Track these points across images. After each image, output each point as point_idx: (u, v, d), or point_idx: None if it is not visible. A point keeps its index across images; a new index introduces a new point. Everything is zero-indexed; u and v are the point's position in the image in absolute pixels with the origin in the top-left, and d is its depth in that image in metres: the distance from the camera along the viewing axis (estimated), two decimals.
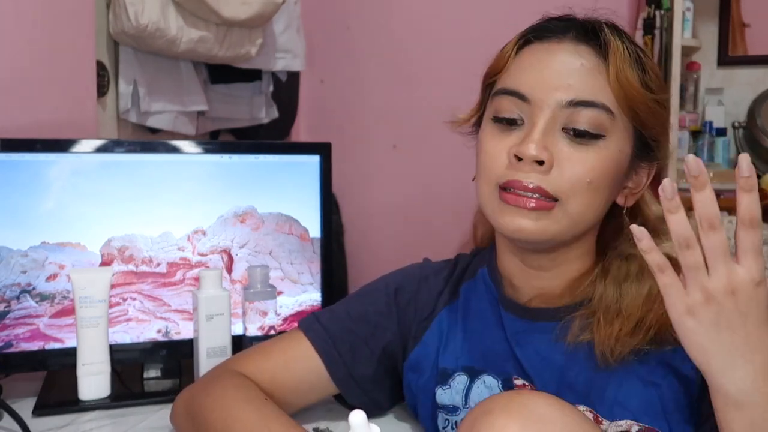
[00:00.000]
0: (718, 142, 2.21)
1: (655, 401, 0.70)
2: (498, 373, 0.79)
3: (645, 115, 0.72)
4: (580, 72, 0.71)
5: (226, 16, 1.57)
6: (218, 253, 1.13)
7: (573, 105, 0.70)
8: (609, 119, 0.70)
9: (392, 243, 2.33)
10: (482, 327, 0.82)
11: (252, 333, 1.05)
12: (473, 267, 0.88)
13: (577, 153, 0.70)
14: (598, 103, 0.70)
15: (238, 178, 1.13)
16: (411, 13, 2.36)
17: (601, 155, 0.70)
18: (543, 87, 0.71)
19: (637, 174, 0.77)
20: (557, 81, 0.71)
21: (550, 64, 0.72)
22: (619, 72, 0.70)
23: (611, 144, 0.71)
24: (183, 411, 0.83)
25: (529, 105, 0.72)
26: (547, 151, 0.69)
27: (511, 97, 0.73)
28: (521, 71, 0.74)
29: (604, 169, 0.71)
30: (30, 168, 1.03)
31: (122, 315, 1.09)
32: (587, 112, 0.70)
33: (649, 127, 0.74)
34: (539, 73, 0.72)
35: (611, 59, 0.71)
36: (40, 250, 1.04)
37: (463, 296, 0.86)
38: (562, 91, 0.70)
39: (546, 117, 0.70)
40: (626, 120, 0.72)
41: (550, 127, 0.70)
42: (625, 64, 0.71)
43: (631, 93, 0.71)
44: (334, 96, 2.48)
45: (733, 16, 2.23)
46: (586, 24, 0.75)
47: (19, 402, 1.00)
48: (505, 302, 0.81)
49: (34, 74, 1.22)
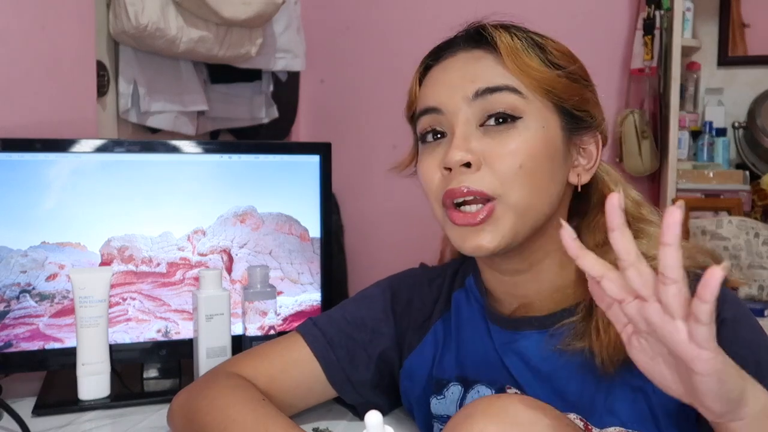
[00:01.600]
0: (718, 142, 2.21)
1: (644, 408, 0.70)
2: (491, 382, 0.78)
3: (559, 90, 0.73)
4: (478, 68, 0.73)
5: (226, 16, 1.57)
6: (218, 253, 1.13)
7: (480, 95, 0.71)
8: (520, 99, 0.71)
9: (392, 243, 2.33)
10: (473, 337, 0.82)
11: (252, 333, 1.05)
12: (462, 274, 0.88)
13: (499, 143, 0.70)
14: (502, 86, 0.71)
15: (238, 178, 1.13)
16: (411, 13, 2.36)
17: (523, 137, 0.71)
18: (449, 93, 0.73)
19: (585, 149, 0.77)
20: (459, 82, 0.73)
21: (450, 73, 0.75)
22: (514, 59, 0.72)
23: (531, 123, 0.71)
24: (179, 413, 0.83)
25: (444, 116, 0.73)
26: (471, 152, 0.70)
27: (427, 115, 0.75)
28: (428, 90, 0.76)
29: (531, 149, 0.71)
30: (30, 168, 1.03)
31: (122, 315, 1.09)
32: (496, 97, 0.71)
33: (569, 99, 0.74)
34: (443, 83, 0.74)
35: (502, 50, 0.72)
36: (39, 250, 1.04)
37: (454, 305, 0.86)
38: (466, 89, 0.72)
39: (461, 120, 0.72)
40: (541, 98, 0.72)
41: (468, 129, 0.72)
42: (518, 50, 0.72)
43: (533, 74, 0.72)
44: (334, 96, 2.48)
45: (733, 16, 2.22)
46: (470, 31, 0.77)
47: (19, 402, 1.00)
48: (490, 314, 0.81)
49: (34, 74, 1.22)
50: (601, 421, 0.71)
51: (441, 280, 0.89)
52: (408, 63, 2.57)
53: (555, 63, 0.73)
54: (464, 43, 0.76)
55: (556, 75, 0.72)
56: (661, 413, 0.69)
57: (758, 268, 1.87)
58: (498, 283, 0.80)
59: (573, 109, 0.74)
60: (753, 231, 1.92)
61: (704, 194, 2.11)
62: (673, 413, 0.69)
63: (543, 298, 0.77)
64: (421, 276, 0.91)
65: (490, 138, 0.71)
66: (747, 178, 2.12)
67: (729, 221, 1.94)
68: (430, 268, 0.92)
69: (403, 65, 2.55)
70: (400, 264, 0.95)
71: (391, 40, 2.38)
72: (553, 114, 0.73)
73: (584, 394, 0.72)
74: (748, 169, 2.16)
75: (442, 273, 0.90)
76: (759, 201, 2.08)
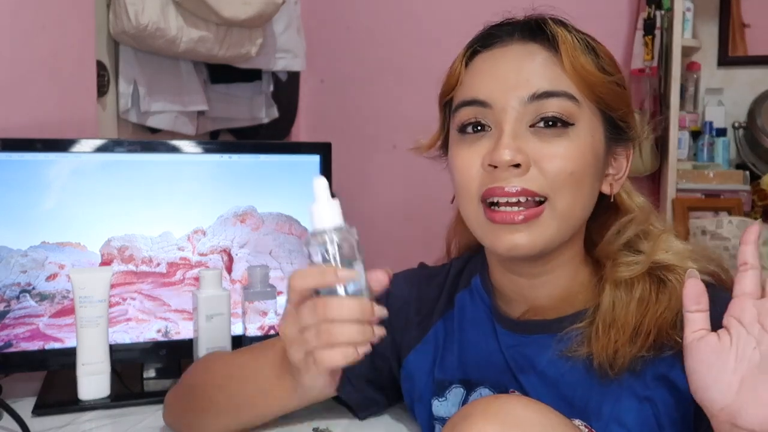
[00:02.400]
0: (718, 142, 2.21)
1: (650, 417, 0.69)
2: (494, 385, 0.78)
3: (608, 98, 0.71)
4: (534, 67, 0.70)
5: (227, 16, 1.57)
6: (218, 253, 1.13)
7: (536, 99, 0.68)
8: (575, 106, 0.69)
9: (392, 243, 2.33)
10: (477, 338, 0.81)
11: (252, 333, 1.05)
12: (467, 275, 0.86)
13: (551, 147, 0.68)
14: (559, 92, 0.69)
15: (238, 178, 1.13)
16: (411, 13, 2.36)
17: (575, 144, 0.69)
18: (502, 89, 0.70)
19: (616, 159, 0.76)
20: (514, 80, 0.69)
21: (504, 66, 0.71)
22: (573, 60, 0.69)
23: (582, 131, 0.69)
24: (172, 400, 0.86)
25: (492, 110, 0.70)
26: (521, 152, 0.67)
27: (472, 106, 0.71)
28: (476, 80, 0.72)
29: (582, 157, 0.69)
30: (30, 168, 1.03)
31: (122, 315, 1.09)
32: (551, 103, 0.68)
33: (616, 109, 0.73)
34: (494, 77, 0.71)
35: (562, 49, 0.69)
36: (40, 250, 1.04)
37: (458, 306, 0.84)
38: (521, 89, 0.69)
39: (512, 118, 0.69)
40: (591, 105, 0.71)
41: (519, 128, 0.69)
42: (577, 51, 0.70)
43: (589, 78, 0.69)
44: (334, 96, 2.48)
45: (733, 16, 2.23)
46: (529, 22, 0.73)
47: (19, 402, 1.00)
48: (498, 316, 0.80)
49: (34, 74, 1.22)
50: (606, 428, 0.70)
51: (441, 279, 0.88)
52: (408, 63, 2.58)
53: (605, 69, 0.72)
54: (519, 33, 0.72)
55: (607, 81, 0.71)
56: (667, 423, 0.69)
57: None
58: (511, 285, 0.78)
59: (618, 119, 0.73)
60: None
61: (704, 194, 2.11)
62: (679, 424, 0.69)
63: (554, 302, 0.76)
64: (420, 275, 0.90)
65: (540, 140, 0.69)
66: (747, 178, 2.12)
67: (729, 221, 1.94)
68: (430, 268, 0.92)
69: (403, 65, 2.56)
70: (401, 264, 0.95)
71: (391, 40, 2.38)
72: (600, 122, 0.72)
73: (590, 401, 0.72)
74: (748, 169, 2.16)
75: (442, 272, 0.89)
76: (759, 201, 2.08)
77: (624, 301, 0.71)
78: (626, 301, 0.70)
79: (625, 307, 0.70)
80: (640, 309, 0.69)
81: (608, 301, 0.71)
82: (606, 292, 0.72)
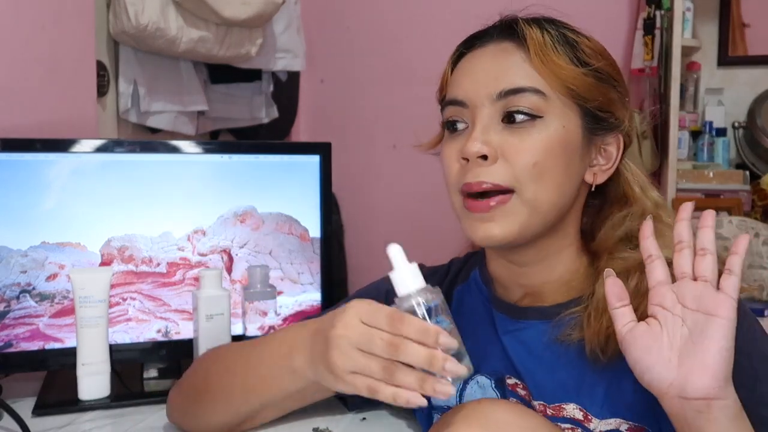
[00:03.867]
0: (718, 142, 2.21)
1: (644, 400, 0.70)
2: (491, 372, 0.79)
3: (582, 89, 0.73)
4: (504, 65, 0.74)
5: (226, 16, 1.57)
6: (218, 253, 1.13)
7: (503, 96, 0.72)
8: (541, 100, 0.72)
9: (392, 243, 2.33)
10: (474, 327, 0.82)
11: (252, 333, 1.05)
12: (466, 270, 0.89)
13: (518, 140, 0.72)
14: (526, 87, 0.72)
15: (238, 178, 1.13)
16: (411, 13, 2.36)
17: (541, 136, 0.72)
18: (474, 88, 0.74)
19: (606, 150, 0.77)
20: (485, 79, 0.74)
21: (478, 66, 0.76)
22: (541, 57, 0.72)
23: (551, 123, 0.72)
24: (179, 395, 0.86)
25: (468, 109, 0.75)
26: (488, 145, 0.71)
27: (453, 106, 0.76)
28: (457, 81, 0.77)
29: (547, 149, 0.72)
30: (30, 168, 1.03)
31: (122, 315, 1.09)
32: (518, 99, 0.72)
33: (591, 100, 0.74)
34: (470, 77, 0.76)
35: (529, 46, 0.73)
36: (40, 250, 1.04)
37: (456, 299, 0.86)
38: (490, 86, 0.73)
39: (482, 114, 0.73)
40: (563, 98, 0.73)
41: (489, 123, 0.73)
42: (546, 48, 0.73)
43: (560, 73, 0.72)
44: (334, 96, 2.48)
45: (733, 16, 2.22)
46: (504, 23, 0.78)
47: (19, 402, 1.00)
48: (496, 302, 0.82)
49: (34, 74, 1.22)
50: (601, 411, 0.71)
51: (440, 277, 0.90)
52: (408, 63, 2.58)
53: (584, 61, 0.74)
54: (497, 34, 0.77)
55: (581, 74, 0.73)
56: (661, 408, 0.69)
57: (758, 268, 1.87)
58: (506, 272, 0.81)
59: (596, 110, 0.75)
60: (753, 231, 1.91)
61: (704, 194, 2.11)
62: None
63: (551, 289, 0.78)
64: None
65: (509, 134, 0.72)
66: (747, 178, 2.12)
67: (729, 221, 1.94)
68: (428, 267, 0.93)
69: (403, 65, 2.56)
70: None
71: (391, 40, 2.38)
72: (575, 114, 0.74)
73: (585, 385, 0.73)
74: (748, 169, 2.16)
75: (441, 270, 0.91)
76: (759, 201, 2.08)
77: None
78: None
79: None
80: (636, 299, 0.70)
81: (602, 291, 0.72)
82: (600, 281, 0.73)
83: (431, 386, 0.59)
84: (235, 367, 0.81)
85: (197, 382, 0.85)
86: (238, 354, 0.83)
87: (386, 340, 0.61)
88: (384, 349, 0.61)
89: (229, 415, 0.81)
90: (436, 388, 0.59)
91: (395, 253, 0.64)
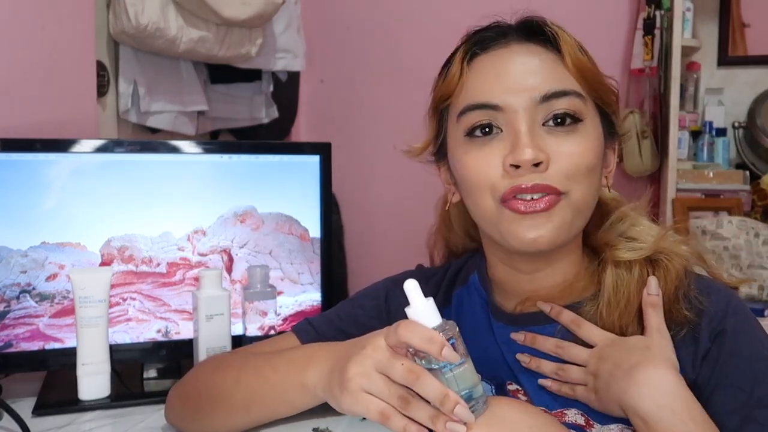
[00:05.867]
0: (718, 142, 2.21)
1: None
2: (491, 378, 0.79)
3: (604, 94, 0.74)
4: (539, 68, 0.71)
5: (226, 16, 1.57)
6: (218, 253, 1.13)
7: (546, 99, 0.70)
8: (582, 103, 0.71)
9: (392, 243, 2.33)
10: (474, 333, 0.81)
11: (252, 333, 1.05)
12: (465, 273, 0.87)
13: (565, 143, 0.70)
14: (568, 90, 0.71)
15: (238, 178, 1.13)
16: (411, 13, 2.36)
17: (586, 139, 0.71)
18: (511, 91, 0.71)
19: (607, 154, 0.77)
20: (522, 82, 0.71)
21: (508, 68, 0.72)
22: (574, 58, 0.72)
23: (589, 126, 0.72)
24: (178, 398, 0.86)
25: (503, 113, 0.71)
26: (542, 151, 0.69)
27: (482, 110, 0.71)
28: (481, 83, 0.73)
29: (593, 150, 0.71)
30: (30, 168, 1.03)
31: (122, 315, 1.09)
32: (561, 102, 0.70)
33: (609, 104, 0.75)
34: (500, 79, 0.71)
35: (564, 48, 0.72)
36: (40, 250, 1.04)
37: (455, 302, 0.85)
38: (530, 90, 0.70)
39: (525, 118, 0.70)
40: (592, 102, 0.73)
41: (533, 127, 0.70)
42: (575, 49, 0.72)
43: (588, 75, 0.72)
44: (334, 96, 2.48)
45: (733, 16, 2.22)
46: (528, 22, 0.75)
47: (19, 402, 1.00)
48: (494, 310, 0.81)
49: (34, 74, 1.22)
50: (603, 416, 0.71)
51: (439, 278, 0.89)
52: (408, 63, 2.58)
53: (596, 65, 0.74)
54: (516, 34, 0.74)
55: (599, 73, 0.74)
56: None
57: (758, 268, 1.87)
58: (510, 278, 0.79)
59: (611, 114, 0.76)
60: (753, 231, 1.92)
61: (704, 194, 2.11)
62: None
63: (552, 293, 0.77)
64: (418, 275, 0.91)
65: (555, 138, 0.70)
66: (747, 178, 2.12)
67: (729, 221, 1.94)
68: (427, 268, 0.93)
69: (403, 65, 2.56)
70: (401, 264, 0.95)
71: (391, 40, 2.38)
72: (598, 118, 0.74)
73: None
74: (748, 169, 2.16)
75: (440, 271, 0.90)
76: (759, 201, 2.08)
77: (626, 280, 0.73)
78: (627, 280, 0.73)
79: (627, 287, 0.73)
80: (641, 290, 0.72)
81: (611, 281, 0.73)
82: (608, 272, 0.74)
83: (443, 425, 0.59)
84: (243, 376, 0.79)
85: (199, 388, 0.84)
86: (248, 363, 0.81)
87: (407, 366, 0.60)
88: (403, 376, 0.60)
89: (227, 426, 0.81)
90: (447, 426, 0.59)
91: (411, 289, 0.61)
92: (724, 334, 0.69)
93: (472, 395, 0.60)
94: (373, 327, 0.86)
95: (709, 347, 0.69)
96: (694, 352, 0.70)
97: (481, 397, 0.61)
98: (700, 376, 0.69)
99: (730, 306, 0.71)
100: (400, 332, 0.60)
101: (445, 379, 0.60)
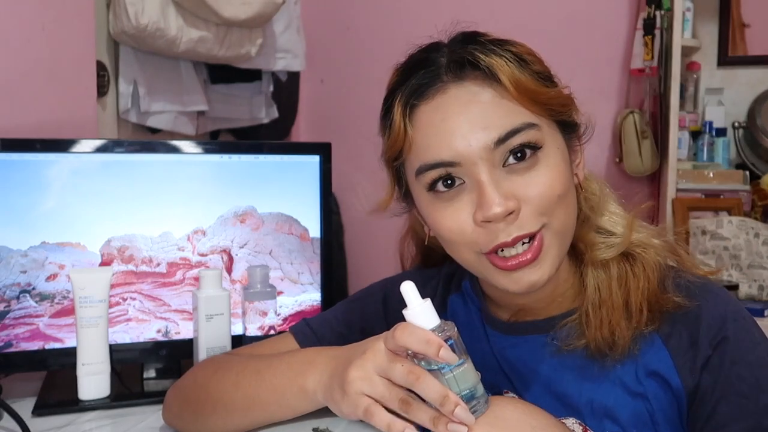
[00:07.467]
0: (718, 142, 2.21)
1: (643, 413, 0.70)
2: (488, 386, 0.78)
3: (555, 104, 0.70)
4: (484, 112, 0.67)
5: (226, 16, 1.57)
6: (218, 253, 1.13)
7: (500, 142, 0.67)
8: (536, 131, 0.68)
9: (392, 243, 2.33)
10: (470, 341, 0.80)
11: (252, 333, 1.05)
12: (457, 278, 0.87)
13: (531, 181, 0.67)
14: (519, 127, 0.67)
15: (238, 178, 1.13)
16: (411, 13, 2.36)
17: (549, 165, 0.68)
18: (462, 146, 0.67)
19: (574, 150, 0.75)
20: (471, 134, 0.67)
21: (453, 121, 0.67)
22: (516, 84, 0.67)
23: (550, 150, 0.69)
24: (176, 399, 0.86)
25: (460, 167, 0.67)
26: (509, 199, 0.66)
27: (438, 168, 0.68)
28: (430, 142, 0.68)
29: (560, 175, 0.68)
30: (30, 168, 1.03)
31: (122, 315, 1.09)
32: (516, 139, 0.67)
33: (561, 110, 0.71)
34: (449, 132, 0.67)
35: (503, 78, 0.67)
36: (40, 250, 1.04)
37: (451, 310, 0.85)
38: (482, 139, 0.66)
39: (485, 168, 0.66)
40: (545, 119, 0.69)
41: (494, 173, 0.67)
42: (515, 73, 0.67)
43: (534, 96, 0.68)
44: (334, 96, 2.48)
45: (733, 16, 2.22)
46: (458, 59, 0.69)
47: (19, 402, 0.99)
48: (489, 318, 0.80)
49: (34, 74, 1.23)
50: (600, 425, 0.71)
51: (435, 282, 0.88)
52: None
53: (535, 71, 0.70)
54: (448, 74, 0.69)
55: (545, 88, 0.69)
56: (661, 419, 0.69)
57: (758, 268, 1.87)
58: (501, 294, 0.78)
59: (566, 118, 0.72)
60: (753, 231, 1.92)
61: (704, 194, 2.11)
62: (672, 419, 0.69)
63: (544, 304, 0.76)
64: (416, 278, 0.90)
65: (520, 176, 0.67)
66: (747, 178, 2.12)
67: (729, 221, 1.94)
68: (425, 271, 0.92)
69: None
70: (400, 264, 0.95)
71: (391, 40, 2.38)
72: (556, 130, 0.71)
73: (583, 398, 0.72)
74: (748, 169, 2.16)
75: (436, 275, 0.89)
76: (759, 201, 2.08)
77: (605, 281, 0.72)
78: (606, 280, 0.72)
79: (607, 287, 0.72)
80: (622, 287, 0.71)
81: (592, 284, 0.73)
82: (589, 276, 0.73)
83: (444, 426, 0.59)
84: (242, 379, 0.79)
85: (197, 390, 0.84)
86: (247, 366, 0.81)
87: (407, 367, 0.60)
88: (404, 377, 0.60)
89: (225, 429, 0.81)
90: (448, 428, 0.59)
91: (408, 290, 0.61)
92: (726, 342, 0.68)
93: (473, 395, 0.60)
94: (371, 329, 0.87)
95: (710, 354, 0.68)
96: (693, 358, 0.69)
97: (482, 397, 0.61)
98: (702, 384, 0.68)
99: (729, 311, 0.70)
100: (397, 335, 0.60)
101: (445, 380, 0.60)
